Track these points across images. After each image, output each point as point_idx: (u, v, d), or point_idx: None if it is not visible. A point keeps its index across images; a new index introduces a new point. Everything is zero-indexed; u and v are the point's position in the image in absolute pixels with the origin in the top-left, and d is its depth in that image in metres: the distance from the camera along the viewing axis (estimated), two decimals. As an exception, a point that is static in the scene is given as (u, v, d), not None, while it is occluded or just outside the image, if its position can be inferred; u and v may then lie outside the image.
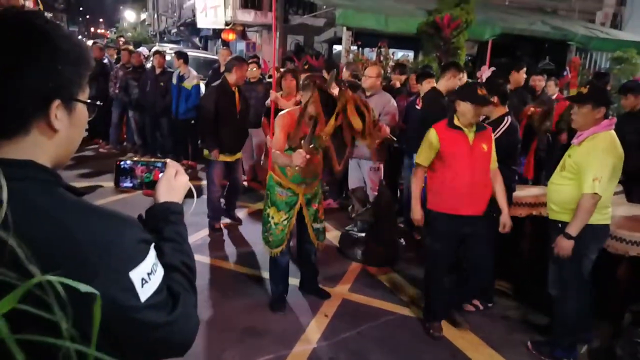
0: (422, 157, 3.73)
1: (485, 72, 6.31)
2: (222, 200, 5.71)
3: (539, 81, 6.67)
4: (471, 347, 3.69)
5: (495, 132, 4.00)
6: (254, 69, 6.86)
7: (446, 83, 4.96)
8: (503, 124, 4.06)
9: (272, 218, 3.85)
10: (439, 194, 3.68)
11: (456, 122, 3.59)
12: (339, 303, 4.17)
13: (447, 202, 3.63)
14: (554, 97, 6.89)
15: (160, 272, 1.01)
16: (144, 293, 0.95)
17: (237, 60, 5.39)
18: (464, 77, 4.99)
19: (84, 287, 0.77)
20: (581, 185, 3.21)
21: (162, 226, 1.17)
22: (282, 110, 5.30)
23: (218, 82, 5.39)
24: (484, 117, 4.19)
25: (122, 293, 0.91)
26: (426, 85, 5.47)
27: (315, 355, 3.46)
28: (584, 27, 13.12)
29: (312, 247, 4.08)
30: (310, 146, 3.37)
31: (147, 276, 0.96)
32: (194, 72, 7.94)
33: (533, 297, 4.25)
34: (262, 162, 5.67)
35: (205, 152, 5.45)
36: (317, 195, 3.99)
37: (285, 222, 3.85)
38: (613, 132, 3.35)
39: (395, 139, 5.32)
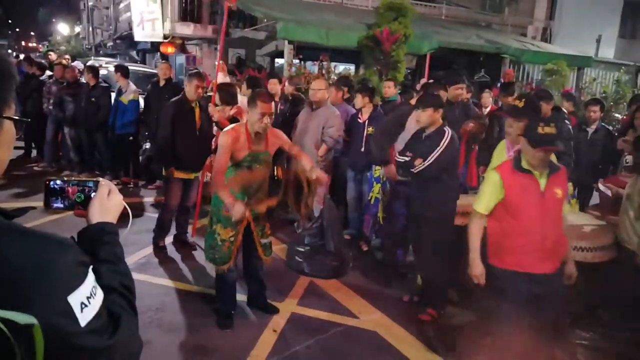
0: (482, 204, 3.21)
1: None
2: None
3: (486, 98, 6.96)
4: (419, 357, 3.72)
5: (440, 145, 4.07)
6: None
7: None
8: (445, 135, 4.08)
9: (219, 235, 3.78)
10: (502, 249, 3.14)
11: (524, 163, 3.05)
12: (287, 317, 4.13)
13: (513, 258, 3.09)
14: (488, 108, 7.15)
15: (100, 295, 0.98)
16: (84, 317, 0.91)
17: (195, 75, 5.26)
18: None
19: (22, 319, 0.74)
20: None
21: (97, 247, 1.14)
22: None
23: (177, 97, 5.24)
24: (419, 129, 4.26)
25: (60, 318, 0.87)
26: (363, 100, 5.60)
27: (265, 371, 3.40)
28: (517, 40, 13.75)
29: (259, 262, 4.03)
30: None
31: (86, 300, 0.93)
32: (133, 87, 7.75)
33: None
34: (207, 178, 5.58)
35: (163, 169, 5.30)
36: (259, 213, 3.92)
37: (232, 238, 3.78)
38: None
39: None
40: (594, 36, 16.26)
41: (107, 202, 1.23)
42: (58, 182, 1.27)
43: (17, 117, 1.02)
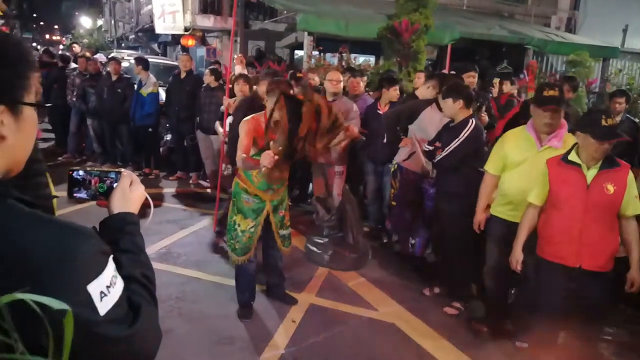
0: (535, 194, 3.26)
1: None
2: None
3: (506, 87, 6.84)
4: (438, 349, 3.72)
5: (460, 136, 4.07)
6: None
7: (424, 92, 5.03)
8: (467, 126, 4.07)
9: (239, 226, 3.79)
10: (543, 238, 3.21)
11: (573, 156, 3.05)
12: (306, 308, 4.14)
13: (550, 247, 3.15)
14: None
15: (119, 284, 0.98)
16: (104, 307, 0.92)
17: (268, 74, 5.16)
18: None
19: (56, 304, 0.74)
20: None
21: (118, 237, 1.14)
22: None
23: (249, 95, 5.20)
24: (449, 120, 4.25)
25: (80, 307, 0.87)
26: (394, 93, 5.56)
27: (283, 361, 3.43)
28: (540, 31, 13.50)
29: (278, 254, 4.05)
30: (279, 148, 3.36)
31: (105, 289, 0.93)
32: (153, 79, 7.82)
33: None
34: (224, 169, 5.60)
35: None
36: (284, 202, 3.96)
37: (252, 229, 3.79)
38: None
39: (364, 137, 5.37)
40: (621, 26, 15.87)
41: (129, 193, 1.23)
42: (81, 172, 1.28)
43: (37, 103, 1.02)
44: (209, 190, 7.16)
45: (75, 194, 1.29)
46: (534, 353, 3.61)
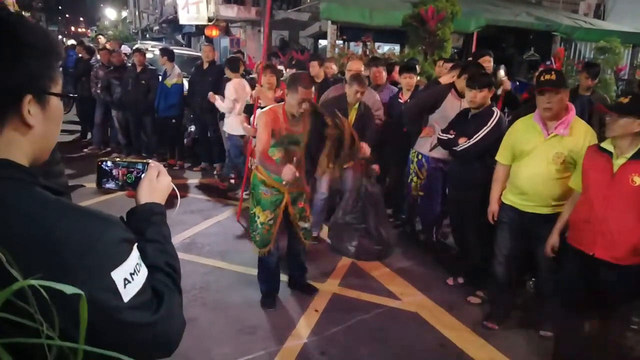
0: (572, 179, 3.29)
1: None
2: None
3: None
4: (461, 338, 3.69)
5: (488, 125, 4.03)
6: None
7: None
8: (494, 115, 4.06)
9: (258, 217, 3.80)
10: (570, 222, 3.24)
11: (606, 144, 3.02)
12: (329, 298, 4.15)
13: (573, 232, 3.17)
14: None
15: (143, 272, 1.00)
16: (127, 293, 0.93)
17: (355, 79, 4.92)
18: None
19: (69, 289, 0.75)
20: None
21: (145, 227, 1.15)
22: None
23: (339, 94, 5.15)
24: (465, 108, 4.21)
25: (104, 293, 0.89)
26: (409, 80, 5.48)
27: (306, 350, 3.44)
28: (568, 17, 13.19)
29: (300, 245, 4.06)
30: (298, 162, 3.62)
31: (129, 276, 0.94)
32: (177, 70, 7.86)
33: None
34: (251, 164, 5.61)
35: None
36: (303, 194, 3.95)
37: (271, 221, 3.80)
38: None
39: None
40: (652, 12, 15.42)
41: (156, 184, 1.25)
42: (109, 163, 1.31)
43: (63, 94, 1.03)
44: (232, 181, 7.21)
45: (104, 185, 1.31)
46: (558, 342, 3.57)
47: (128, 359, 0.79)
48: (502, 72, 5.38)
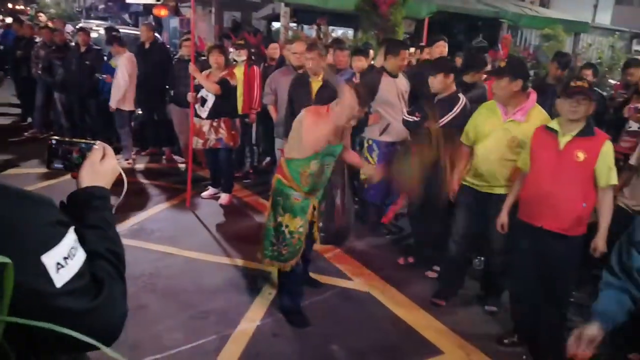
0: (521, 159, 3.41)
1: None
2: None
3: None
4: (411, 315, 3.78)
5: (453, 111, 4.10)
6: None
7: (380, 60, 5.13)
8: (460, 101, 4.13)
9: (286, 227, 3.43)
10: (520, 198, 3.36)
11: (553, 124, 3.19)
12: (282, 281, 4.15)
13: (523, 207, 3.31)
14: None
15: (80, 256, 0.96)
16: (60, 278, 0.89)
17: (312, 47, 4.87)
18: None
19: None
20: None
21: (85, 212, 1.11)
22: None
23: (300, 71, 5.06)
24: (437, 94, 4.27)
25: (34, 278, 0.86)
26: (358, 63, 5.49)
27: (258, 332, 3.45)
28: (515, 5, 13.52)
29: (312, 243, 3.86)
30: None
31: (63, 260, 0.91)
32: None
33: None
34: (195, 144, 5.54)
35: None
36: (324, 195, 3.73)
37: (301, 229, 3.47)
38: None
39: None
40: (591, 2, 16.04)
41: (99, 167, 1.20)
42: (60, 142, 1.26)
43: None
44: (183, 165, 7.08)
45: (53, 165, 1.25)
46: (503, 317, 3.73)
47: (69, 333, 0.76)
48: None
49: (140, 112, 8.03)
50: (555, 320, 3.35)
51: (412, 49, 5.56)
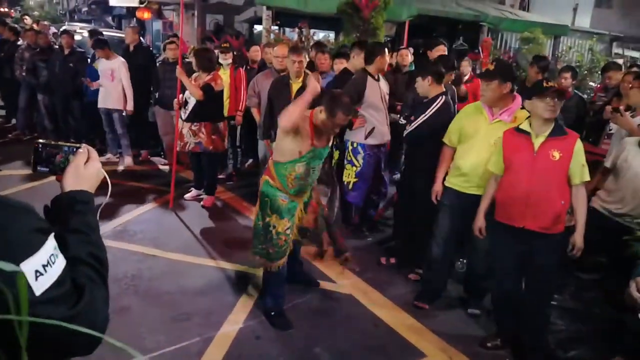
0: (492, 162, 3.44)
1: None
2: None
3: (465, 66, 6.95)
4: (393, 318, 3.83)
5: (426, 112, 4.18)
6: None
7: (354, 62, 5.21)
8: (436, 102, 4.19)
9: (274, 227, 3.48)
10: (497, 201, 3.38)
11: (524, 125, 3.26)
12: (264, 282, 4.19)
13: (502, 210, 3.33)
14: (467, 76, 7.17)
15: (60, 263, 0.96)
16: (40, 286, 0.89)
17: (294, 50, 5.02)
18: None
19: (9, 267, 0.73)
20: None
21: (67, 217, 1.11)
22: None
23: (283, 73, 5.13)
24: (424, 97, 4.34)
25: (12, 286, 0.82)
26: (339, 66, 5.57)
27: (241, 334, 3.48)
28: (495, 8, 13.68)
29: (299, 245, 3.93)
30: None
31: (42, 268, 0.90)
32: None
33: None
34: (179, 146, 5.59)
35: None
36: (310, 198, 3.79)
37: (289, 230, 3.52)
38: None
39: None
40: (571, 5, 16.30)
41: (83, 170, 1.20)
42: (45, 145, 1.26)
43: None
44: (166, 167, 7.08)
45: (38, 168, 1.26)
46: (485, 320, 3.80)
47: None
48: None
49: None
50: (538, 323, 3.42)
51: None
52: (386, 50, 5.02)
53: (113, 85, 6.98)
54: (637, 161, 3.63)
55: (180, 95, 5.63)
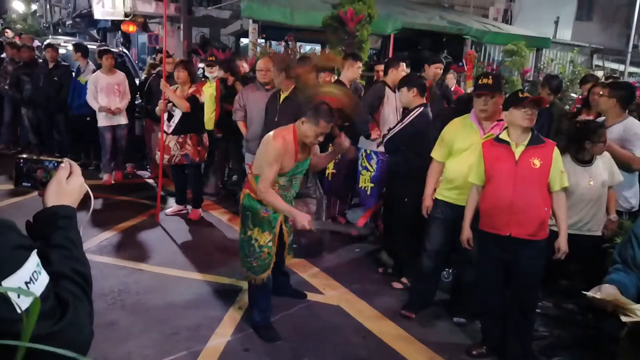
0: (473, 174, 3.48)
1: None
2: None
3: (450, 79, 7.06)
4: (380, 328, 3.84)
5: (403, 122, 4.27)
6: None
7: (346, 73, 5.39)
8: (413, 112, 4.30)
9: (256, 241, 3.50)
10: (482, 212, 3.42)
11: (503, 135, 3.31)
12: (252, 295, 4.18)
13: (486, 219, 3.37)
14: (452, 89, 7.26)
15: (43, 280, 0.95)
16: (23, 303, 0.88)
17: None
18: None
19: (27, 293, 0.74)
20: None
21: (50, 232, 1.10)
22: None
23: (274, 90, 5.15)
24: (404, 108, 4.44)
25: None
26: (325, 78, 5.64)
27: (229, 347, 3.46)
28: (478, 21, 13.89)
29: (283, 260, 3.93)
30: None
31: (24, 285, 0.90)
32: (92, 66, 7.54)
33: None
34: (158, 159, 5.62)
35: None
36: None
37: (270, 243, 3.54)
38: None
39: None
40: (553, 18, 16.61)
41: (65, 185, 1.19)
42: (27, 161, 1.26)
43: None
44: (152, 181, 7.05)
45: (21, 183, 1.26)
46: (471, 328, 3.83)
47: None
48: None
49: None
50: (524, 331, 3.46)
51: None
52: (403, 64, 5.23)
53: (119, 100, 6.95)
54: (572, 170, 3.71)
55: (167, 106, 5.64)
